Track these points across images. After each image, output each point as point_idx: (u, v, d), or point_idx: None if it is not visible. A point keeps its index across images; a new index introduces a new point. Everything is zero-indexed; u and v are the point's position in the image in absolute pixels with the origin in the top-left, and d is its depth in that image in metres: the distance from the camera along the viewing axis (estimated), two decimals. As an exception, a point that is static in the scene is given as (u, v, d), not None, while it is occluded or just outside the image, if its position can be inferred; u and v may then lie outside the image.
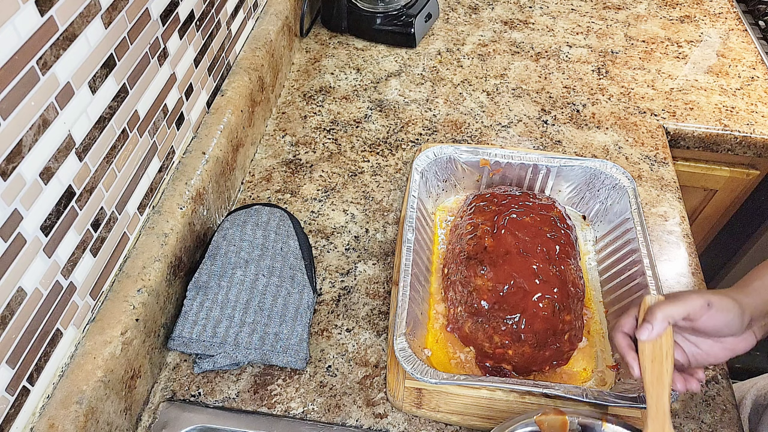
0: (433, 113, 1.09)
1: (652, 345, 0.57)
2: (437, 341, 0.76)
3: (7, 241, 0.49)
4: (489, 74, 1.18)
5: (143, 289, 0.67)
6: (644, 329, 0.56)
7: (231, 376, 0.73)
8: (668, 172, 1.00)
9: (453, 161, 0.89)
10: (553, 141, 1.04)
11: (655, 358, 0.56)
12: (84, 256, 0.61)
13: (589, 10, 1.36)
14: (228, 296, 0.74)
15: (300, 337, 0.73)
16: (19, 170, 0.50)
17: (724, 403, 0.73)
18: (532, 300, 0.71)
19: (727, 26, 1.31)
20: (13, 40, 0.47)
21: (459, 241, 0.80)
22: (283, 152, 1.01)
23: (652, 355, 0.56)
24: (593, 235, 0.89)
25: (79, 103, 0.56)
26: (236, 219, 0.82)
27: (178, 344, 0.71)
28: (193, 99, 0.82)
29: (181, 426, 0.68)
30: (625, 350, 0.59)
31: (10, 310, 0.51)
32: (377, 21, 1.20)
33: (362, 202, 0.94)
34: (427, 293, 0.80)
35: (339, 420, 0.70)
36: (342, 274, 0.84)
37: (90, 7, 0.56)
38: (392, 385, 0.71)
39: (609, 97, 1.13)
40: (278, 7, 1.09)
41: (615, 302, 0.78)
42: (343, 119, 1.07)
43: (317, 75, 1.17)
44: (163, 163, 0.76)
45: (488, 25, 1.31)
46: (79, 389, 0.58)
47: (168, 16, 0.71)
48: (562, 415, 0.60)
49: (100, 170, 0.61)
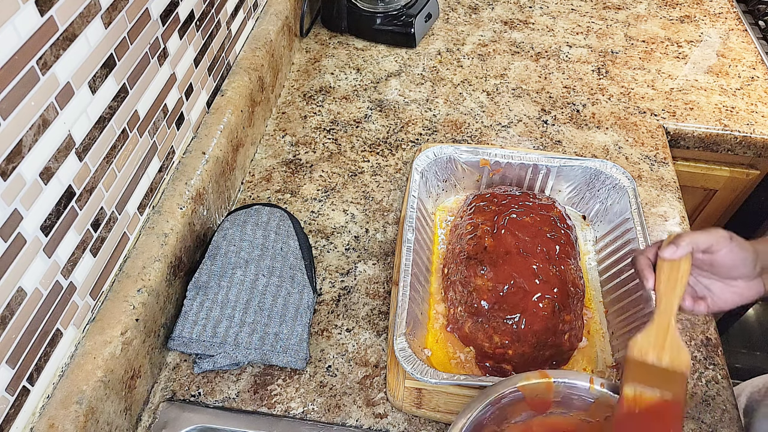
0: (433, 113, 1.09)
1: (670, 266, 0.59)
2: (437, 341, 0.76)
3: (7, 241, 0.49)
4: (489, 74, 1.18)
5: (143, 289, 0.67)
6: (669, 248, 0.59)
7: (231, 376, 0.73)
8: (668, 172, 1.00)
9: (453, 161, 0.89)
10: (553, 141, 1.04)
11: (670, 277, 0.59)
12: (84, 256, 0.61)
13: (589, 10, 1.36)
14: (228, 296, 0.74)
15: (300, 337, 0.73)
16: (19, 170, 0.50)
17: (724, 403, 0.73)
18: (532, 300, 0.71)
19: (727, 26, 1.31)
20: (13, 40, 0.47)
21: (459, 241, 0.80)
22: (283, 152, 1.01)
23: (669, 274, 0.59)
24: (593, 235, 0.89)
25: (79, 103, 0.56)
26: (236, 219, 0.82)
27: (178, 344, 0.71)
28: (193, 99, 0.82)
29: (181, 426, 0.68)
30: (644, 266, 0.61)
31: (10, 310, 0.51)
32: (377, 21, 1.20)
33: (362, 202, 0.94)
34: (427, 293, 0.80)
35: (339, 420, 0.70)
36: (342, 274, 0.84)
37: (90, 7, 0.56)
38: (392, 385, 0.71)
39: (609, 97, 1.13)
40: (278, 7, 1.09)
41: (615, 302, 0.78)
42: (343, 119, 1.07)
43: (317, 75, 1.17)
44: (163, 163, 0.76)
45: (488, 25, 1.31)
46: (79, 389, 0.58)
47: (168, 16, 0.71)
48: (547, 378, 0.58)
49: (100, 170, 0.61)
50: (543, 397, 0.59)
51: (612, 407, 0.57)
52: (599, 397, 0.58)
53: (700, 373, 0.75)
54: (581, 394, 0.58)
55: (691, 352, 0.77)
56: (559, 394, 0.59)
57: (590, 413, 0.59)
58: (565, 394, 0.59)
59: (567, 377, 0.58)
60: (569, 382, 0.58)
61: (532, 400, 0.58)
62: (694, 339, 0.78)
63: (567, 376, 0.58)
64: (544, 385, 0.58)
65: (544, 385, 0.58)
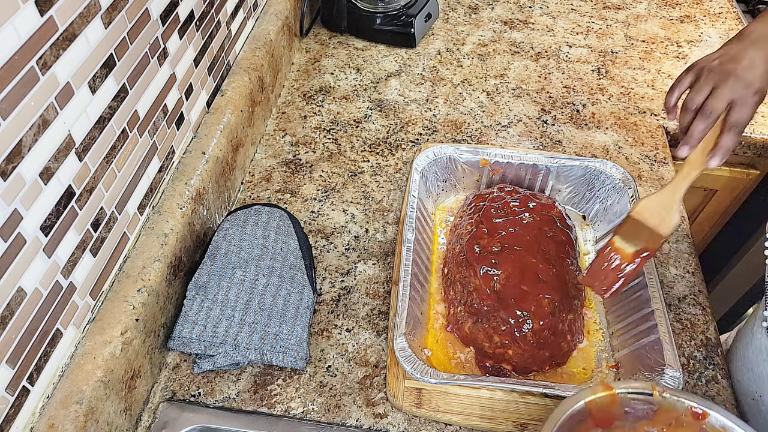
0: (433, 113, 1.09)
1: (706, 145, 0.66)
2: (437, 341, 0.76)
3: (7, 241, 0.49)
4: (489, 74, 1.18)
5: (143, 289, 0.67)
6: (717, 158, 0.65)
7: (231, 376, 0.73)
8: (668, 172, 1.00)
9: (453, 161, 0.89)
10: (553, 141, 1.04)
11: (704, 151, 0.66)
12: (84, 256, 0.61)
13: (589, 10, 1.36)
14: (228, 296, 0.74)
15: (300, 337, 0.73)
16: (19, 170, 0.50)
17: (724, 403, 0.73)
18: (532, 300, 0.71)
19: (727, 26, 1.31)
20: (13, 40, 0.47)
21: (459, 241, 0.80)
22: (283, 152, 1.01)
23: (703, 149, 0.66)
24: (593, 235, 0.89)
25: (79, 103, 0.56)
26: (236, 219, 0.82)
27: (178, 344, 0.71)
28: (193, 99, 0.82)
29: (181, 426, 0.68)
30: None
31: (10, 310, 0.51)
32: (377, 21, 1.20)
33: (362, 202, 0.94)
34: (427, 293, 0.80)
35: (339, 420, 0.70)
36: (342, 274, 0.84)
37: (90, 7, 0.56)
38: (392, 385, 0.71)
39: (609, 97, 1.13)
40: (278, 7, 1.09)
41: (615, 302, 0.78)
42: (343, 119, 1.07)
43: (317, 75, 1.17)
44: (163, 163, 0.76)
45: (488, 25, 1.31)
46: (79, 389, 0.58)
47: (168, 16, 0.71)
48: (611, 390, 0.57)
49: (100, 170, 0.61)
50: (608, 411, 0.57)
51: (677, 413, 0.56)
52: (663, 404, 0.57)
53: (700, 373, 0.75)
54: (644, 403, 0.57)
55: (690, 352, 0.77)
56: (624, 406, 0.57)
57: (653, 422, 0.58)
58: (629, 406, 0.57)
59: (630, 387, 0.57)
60: (633, 391, 0.57)
61: (598, 416, 0.57)
62: (694, 339, 0.78)
63: (630, 386, 0.57)
64: (609, 398, 0.56)
65: (609, 398, 0.56)
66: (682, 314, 0.81)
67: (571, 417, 0.55)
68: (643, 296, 0.73)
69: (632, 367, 0.70)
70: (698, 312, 0.81)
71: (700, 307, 0.82)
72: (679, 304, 0.82)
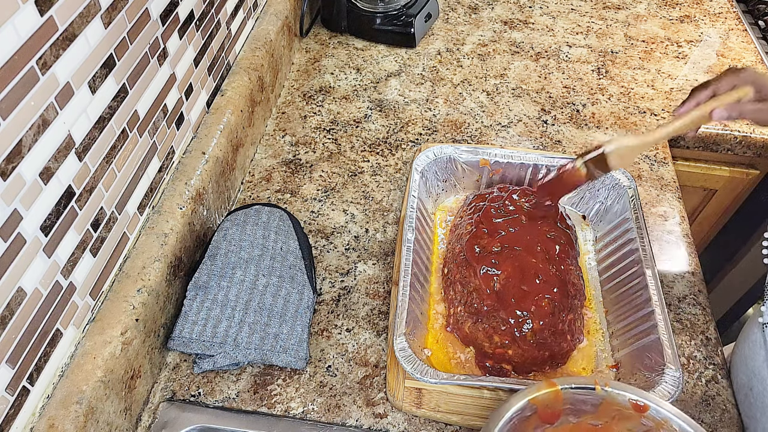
0: (433, 113, 1.09)
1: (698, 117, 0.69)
2: (437, 341, 0.76)
3: (7, 241, 0.49)
4: (489, 74, 1.18)
5: (143, 289, 0.67)
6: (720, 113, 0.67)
7: (231, 376, 0.73)
8: (668, 172, 1.00)
9: (453, 161, 0.89)
10: (553, 141, 1.04)
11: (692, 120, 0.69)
12: (84, 256, 0.61)
13: (589, 10, 1.36)
14: (228, 296, 0.74)
15: (300, 337, 0.73)
16: (19, 170, 0.50)
17: (724, 403, 0.73)
18: (532, 300, 0.71)
19: (726, 26, 1.31)
20: (13, 40, 0.47)
21: (459, 241, 0.80)
22: (283, 152, 1.01)
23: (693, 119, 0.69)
24: (593, 235, 0.89)
25: (79, 103, 0.56)
26: (236, 219, 0.82)
27: (178, 344, 0.71)
28: (193, 99, 0.82)
29: (181, 426, 0.68)
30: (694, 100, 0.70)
31: (10, 310, 0.51)
32: (377, 21, 1.20)
33: (362, 202, 0.94)
34: (427, 293, 0.80)
35: (339, 420, 0.70)
36: (342, 274, 0.84)
37: (90, 7, 0.56)
38: (392, 385, 0.71)
39: (609, 97, 1.13)
40: (278, 7, 1.09)
41: (615, 302, 0.78)
42: (343, 119, 1.07)
43: (317, 75, 1.17)
44: (162, 163, 0.76)
45: (488, 25, 1.31)
46: (79, 389, 0.58)
47: (168, 16, 0.71)
48: (554, 386, 0.58)
49: (99, 170, 0.61)
50: (553, 407, 0.58)
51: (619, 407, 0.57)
52: (605, 398, 0.58)
53: (700, 372, 0.75)
54: (588, 398, 0.58)
55: (690, 352, 0.77)
56: (568, 401, 0.58)
57: (597, 416, 0.59)
58: (573, 401, 0.58)
59: (573, 383, 0.58)
60: (575, 386, 0.58)
61: (543, 412, 0.58)
62: (694, 339, 0.78)
63: (573, 382, 0.58)
64: (553, 394, 0.58)
65: (553, 395, 0.58)
66: (682, 314, 0.81)
67: (516, 414, 0.56)
68: (643, 296, 0.73)
69: (632, 366, 0.70)
70: (698, 312, 0.81)
71: (700, 307, 0.82)
72: (679, 304, 0.82)
